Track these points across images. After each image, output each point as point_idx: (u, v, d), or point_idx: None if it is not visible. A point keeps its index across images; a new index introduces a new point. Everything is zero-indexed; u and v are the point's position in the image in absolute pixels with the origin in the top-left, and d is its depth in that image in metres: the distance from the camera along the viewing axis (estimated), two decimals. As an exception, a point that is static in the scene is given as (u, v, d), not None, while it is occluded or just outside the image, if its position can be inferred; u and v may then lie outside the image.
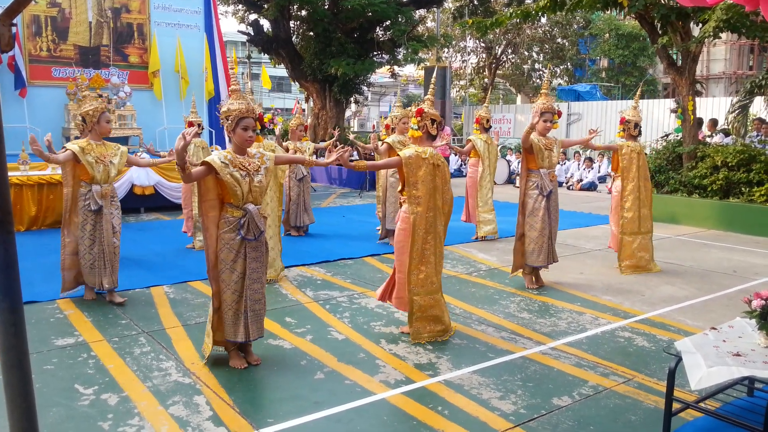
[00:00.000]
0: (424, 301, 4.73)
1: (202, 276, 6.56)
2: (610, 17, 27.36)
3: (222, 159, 3.96)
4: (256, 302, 4.17)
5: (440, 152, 4.90)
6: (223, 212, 4.09)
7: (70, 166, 5.61)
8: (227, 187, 3.98)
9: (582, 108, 21.88)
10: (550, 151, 6.17)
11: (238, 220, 4.05)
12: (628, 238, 7.06)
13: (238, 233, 4.04)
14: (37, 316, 5.24)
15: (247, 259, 4.09)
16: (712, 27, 9.33)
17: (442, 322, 4.83)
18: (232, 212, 4.06)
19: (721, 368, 2.86)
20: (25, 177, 9.21)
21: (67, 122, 13.32)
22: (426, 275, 4.72)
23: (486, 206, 8.92)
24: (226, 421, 3.48)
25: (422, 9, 21.65)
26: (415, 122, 4.73)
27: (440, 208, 4.77)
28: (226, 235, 4.06)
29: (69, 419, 3.49)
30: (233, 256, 4.07)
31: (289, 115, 29.60)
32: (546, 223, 6.18)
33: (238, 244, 4.06)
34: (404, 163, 4.63)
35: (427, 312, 4.75)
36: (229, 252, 4.07)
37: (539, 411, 3.63)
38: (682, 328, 5.16)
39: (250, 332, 4.15)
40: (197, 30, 15.05)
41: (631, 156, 7.09)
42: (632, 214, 7.07)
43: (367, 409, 3.65)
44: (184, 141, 3.72)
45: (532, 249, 6.23)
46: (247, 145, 4.10)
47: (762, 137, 11.89)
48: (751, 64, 29.75)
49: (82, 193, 5.62)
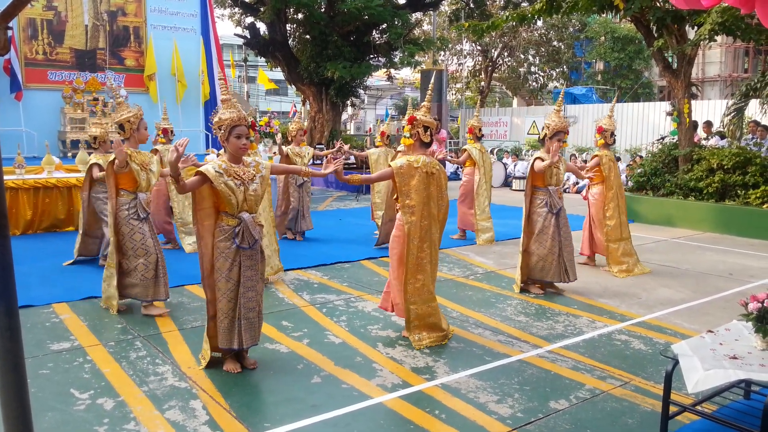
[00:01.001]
0: (421, 310, 4.72)
1: (197, 280, 6.55)
2: (606, 20, 27.44)
3: (216, 168, 3.95)
4: (249, 310, 4.14)
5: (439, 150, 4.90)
6: (219, 221, 4.08)
7: (114, 176, 5.38)
8: (222, 196, 3.97)
9: (578, 111, 21.93)
10: (557, 169, 6.13)
11: (233, 228, 4.04)
12: (614, 245, 7.15)
13: (233, 242, 4.03)
14: (32, 321, 5.22)
15: (242, 267, 4.07)
16: (707, 30, 9.37)
17: (440, 329, 4.82)
18: (227, 221, 4.05)
19: (718, 371, 2.87)
20: (21, 181, 9.18)
21: (63, 126, 13.31)
22: (423, 284, 4.72)
23: (483, 214, 8.92)
24: (222, 425, 3.47)
25: (418, 12, 21.71)
26: (407, 130, 4.69)
27: (435, 216, 4.74)
28: (221, 244, 4.05)
29: (65, 424, 3.47)
30: (229, 265, 4.06)
31: (286, 119, 29.64)
32: (556, 241, 6.08)
33: (234, 252, 4.05)
34: (395, 173, 4.61)
35: (425, 320, 4.75)
36: (225, 260, 4.05)
37: (536, 414, 3.63)
38: (679, 331, 5.17)
39: (243, 340, 4.13)
40: (194, 33, 15.07)
41: (610, 165, 7.21)
42: (614, 221, 7.18)
43: (364, 413, 3.65)
44: (177, 153, 3.73)
45: (540, 266, 6.14)
46: (242, 153, 4.08)
47: (757, 140, 11.93)
48: (746, 66, 29.85)
49: (124, 202, 5.39)
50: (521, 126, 22.62)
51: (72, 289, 6.15)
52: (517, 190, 16.28)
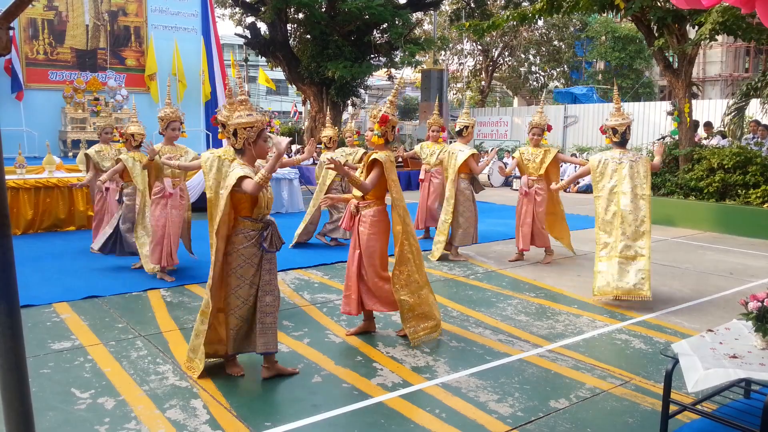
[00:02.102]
0: (412, 300, 4.76)
1: (198, 279, 6.57)
2: (607, 20, 27.42)
3: (252, 172, 3.81)
4: (267, 315, 4.00)
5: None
6: (239, 227, 3.93)
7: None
8: (258, 200, 3.87)
9: (578, 111, 21.94)
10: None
11: (259, 233, 3.94)
12: None
13: (260, 246, 3.94)
14: (33, 320, 5.22)
15: (262, 271, 3.99)
16: (708, 29, 9.36)
17: (432, 318, 4.87)
18: (251, 226, 3.92)
19: (718, 370, 2.87)
20: (22, 180, 9.19)
21: (64, 126, 13.32)
22: (408, 275, 4.77)
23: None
24: (223, 424, 3.48)
25: (419, 12, 21.70)
26: (379, 129, 4.68)
27: (406, 208, 4.84)
28: (246, 251, 3.91)
29: (65, 423, 3.48)
30: (253, 271, 3.95)
31: (286, 119, 29.53)
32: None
33: (259, 257, 3.95)
34: (385, 167, 4.65)
35: (416, 310, 4.79)
36: (250, 267, 3.94)
37: (536, 414, 3.64)
38: (679, 330, 5.17)
39: (257, 345, 3.99)
40: (194, 33, 15.07)
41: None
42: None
43: (365, 412, 3.65)
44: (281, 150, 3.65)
45: None
46: (265, 156, 4.00)
47: (758, 139, 11.93)
48: (747, 66, 29.84)
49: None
50: (522, 126, 22.61)
51: (73, 289, 6.16)
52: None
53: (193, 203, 11.30)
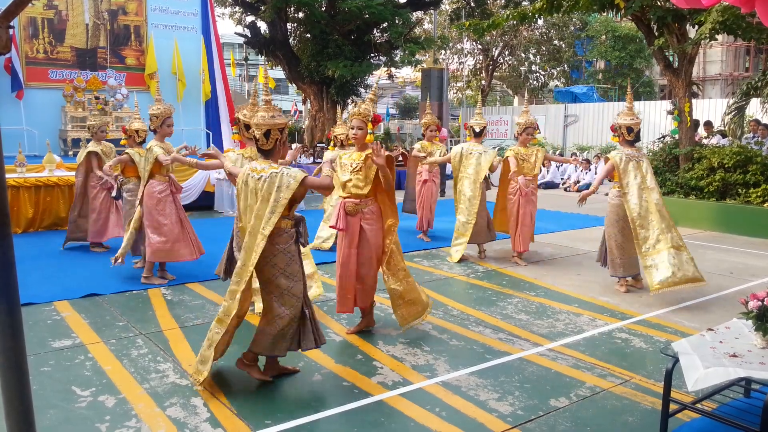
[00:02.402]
0: (401, 288, 4.85)
1: (199, 278, 6.57)
2: (607, 19, 27.41)
3: None
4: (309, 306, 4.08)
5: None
6: (281, 227, 3.84)
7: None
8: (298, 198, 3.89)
9: (578, 110, 21.93)
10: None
11: (295, 228, 3.94)
12: None
13: (296, 242, 3.95)
14: (34, 318, 5.23)
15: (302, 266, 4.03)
16: (708, 29, 9.36)
17: (420, 302, 4.97)
18: (286, 223, 3.89)
19: (718, 369, 2.87)
20: (22, 179, 9.20)
21: (64, 124, 13.31)
22: (395, 263, 4.87)
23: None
24: (223, 422, 3.48)
25: (419, 11, 21.69)
26: (372, 128, 4.73)
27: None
28: (291, 248, 3.89)
29: (66, 421, 3.48)
30: (298, 267, 3.95)
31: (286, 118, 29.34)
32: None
33: (298, 253, 3.96)
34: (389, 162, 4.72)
35: (406, 297, 4.88)
36: (296, 264, 3.92)
37: (537, 412, 3.64)
38: (679, 329, 5.17)
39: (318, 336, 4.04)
40: (194, 32, 15.04)
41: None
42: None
43: (365, 411, 3.65)
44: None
45: None
46: (285, 156, 4.08)
47: (758, 138, 11.92)
48: (747, 65, 29.80)
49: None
50: (521, 125, 22.59)
51: (73, 287, 6.16)
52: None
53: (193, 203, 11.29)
